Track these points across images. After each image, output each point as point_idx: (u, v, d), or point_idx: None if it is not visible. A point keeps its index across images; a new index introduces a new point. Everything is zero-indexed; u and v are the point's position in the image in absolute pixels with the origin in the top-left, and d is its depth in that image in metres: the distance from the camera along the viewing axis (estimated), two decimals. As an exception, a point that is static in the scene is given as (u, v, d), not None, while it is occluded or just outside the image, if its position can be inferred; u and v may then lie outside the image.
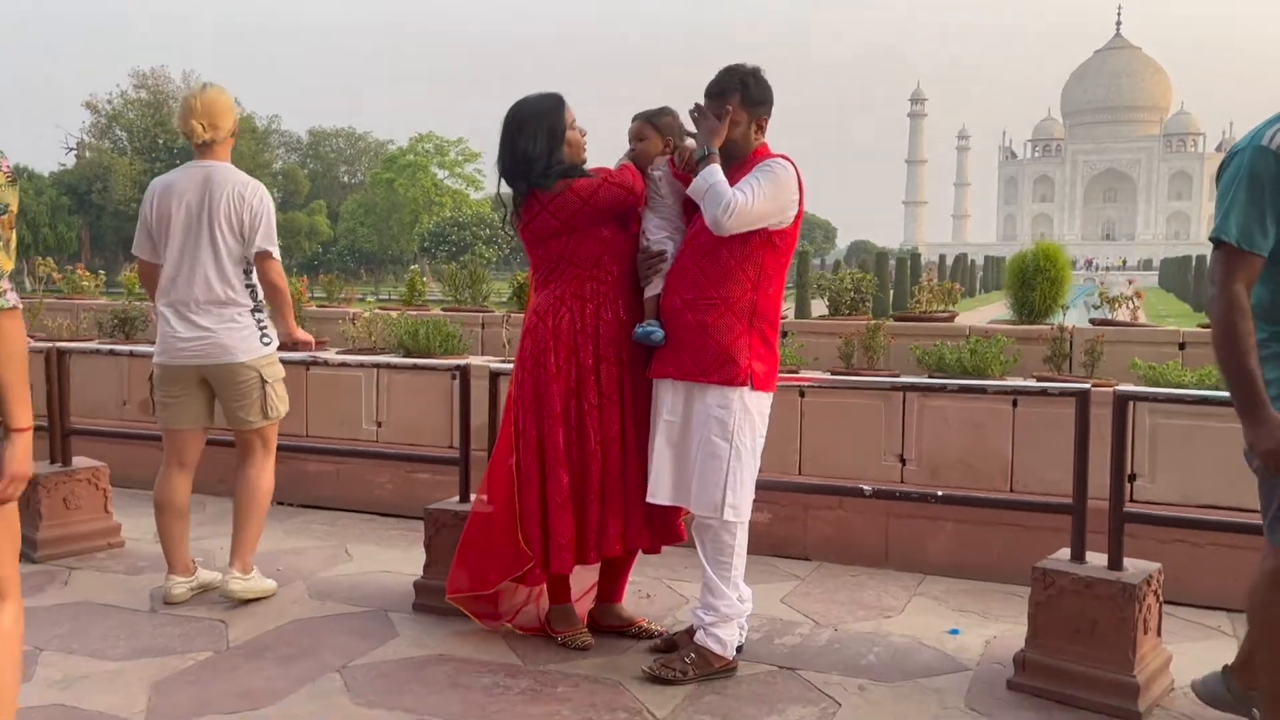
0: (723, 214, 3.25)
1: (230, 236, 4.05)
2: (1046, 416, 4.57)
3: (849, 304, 6.58)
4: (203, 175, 4.08)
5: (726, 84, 3.43)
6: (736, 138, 3.43)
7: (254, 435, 4.21)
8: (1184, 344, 5.71)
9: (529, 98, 3.66)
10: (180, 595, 4.21)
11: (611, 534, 3.56)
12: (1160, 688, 3.29)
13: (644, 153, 3.67)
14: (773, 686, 3.41)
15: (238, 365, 4.08)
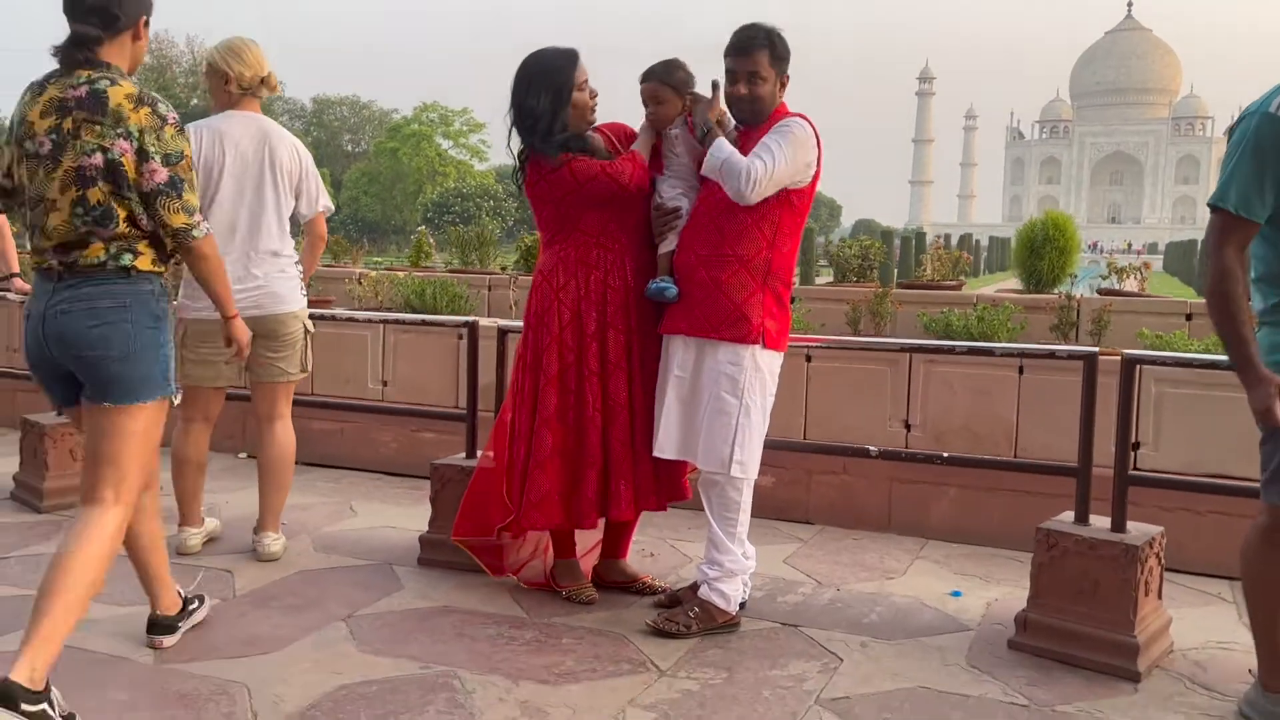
0: (745, 186, 3.25)
1: (289, 189, 4.11)
2: (1052, 384, 4.57)
3: (856, 271, 6.57)
4: (258, 127, 4.06)
5: (753, 41, 3.39)
6: (764, 95, 3.40)
7: (283, 392, 4.20)
8: (1190, 315, 5.71)
9: (543, 51, 3.61)
10: (194, 546, 4.25)
11: (623, 499, 3.57)
12: (1160, 649, 3.32)
13: (664, 115, 3.61)
14: (775, 641, 3.44)
15: (288, 315, 4.10)
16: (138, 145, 2.75)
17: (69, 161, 2.74)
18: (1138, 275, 5.97)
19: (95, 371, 2.78)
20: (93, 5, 2.77)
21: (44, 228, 2.78)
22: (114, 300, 2.78)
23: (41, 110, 2.77)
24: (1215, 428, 4.33)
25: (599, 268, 3.56)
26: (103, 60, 2.80)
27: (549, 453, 3.58)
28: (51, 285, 2.81)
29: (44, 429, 4.91)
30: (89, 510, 2.84)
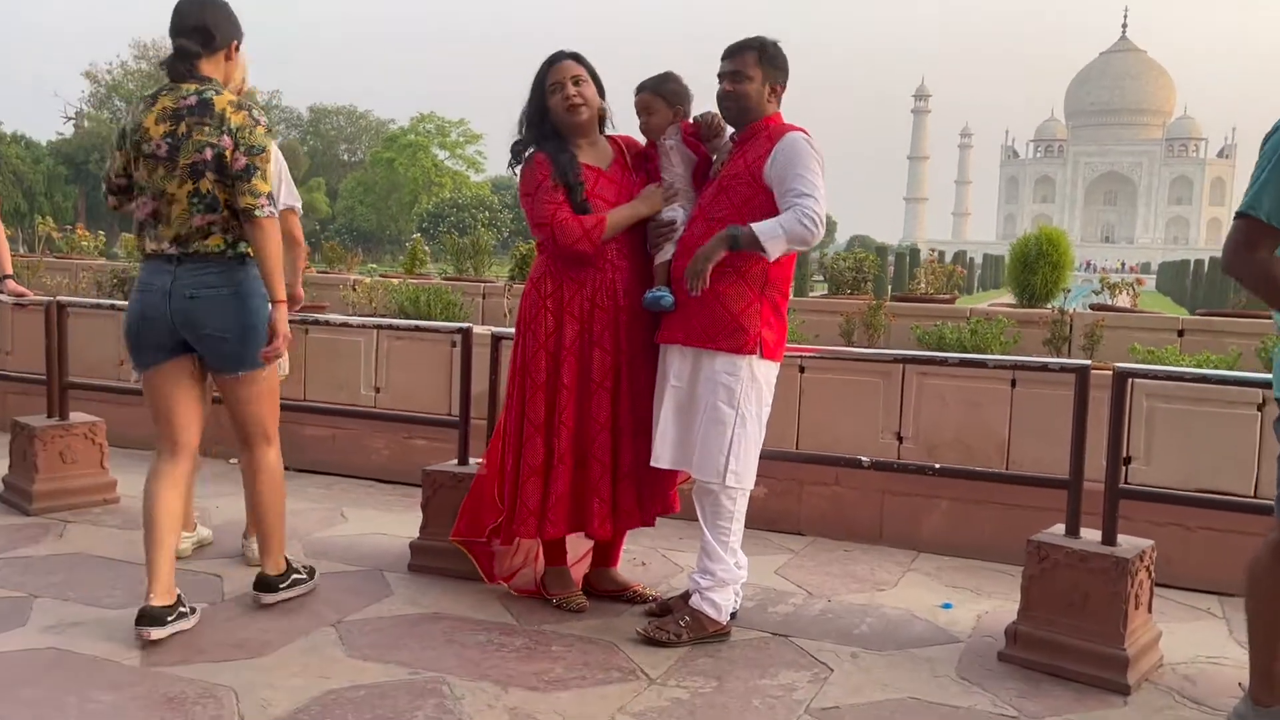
0: (815, 233, 3.26)
1: None
2: (1044, 398, 4.58)
3: (850, 283, 6.58)
4: None
5: (742, 44, 3.44)
6: (749, 93, 3.42)
7: None
8: (1183, 331, 5.73)
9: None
10: (184, 551, 4.22)
11: (596, 518, 3.56)
12: (1149, 662, 3.32)
13: (654, 126, 3.64)
14: (765, 651, 3.43)
15: None
16: (234, 140, 3.24)
17: (184, 159, 3.24)
18: (1130, 291, 6.00)
19: (220, 348, 3.36)
20: (194, 25, 3.30)
21: (167, 218, 3.30)
22: (234, 287, 3.34)
23: (156, 118, 3.27)
24: (1206, 443, 4.35)
25: (588, 285, 3.55)
26: (203, 74, 3.32)
27: (541, 461, 3.58)
28: (171, 269, 3.32)
29: (34, 431, 4.89)
30: (250, 454, 3.58)
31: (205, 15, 3.34)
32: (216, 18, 3.36)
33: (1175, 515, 4.24)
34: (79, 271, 8.52)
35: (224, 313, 3.33)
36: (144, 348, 3.42)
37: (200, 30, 3.31)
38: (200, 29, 3.31)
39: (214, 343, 3.36)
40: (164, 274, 3.33)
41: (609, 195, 3.57)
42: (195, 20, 3.32)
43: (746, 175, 3.40)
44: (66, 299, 5.16)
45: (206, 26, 3.31)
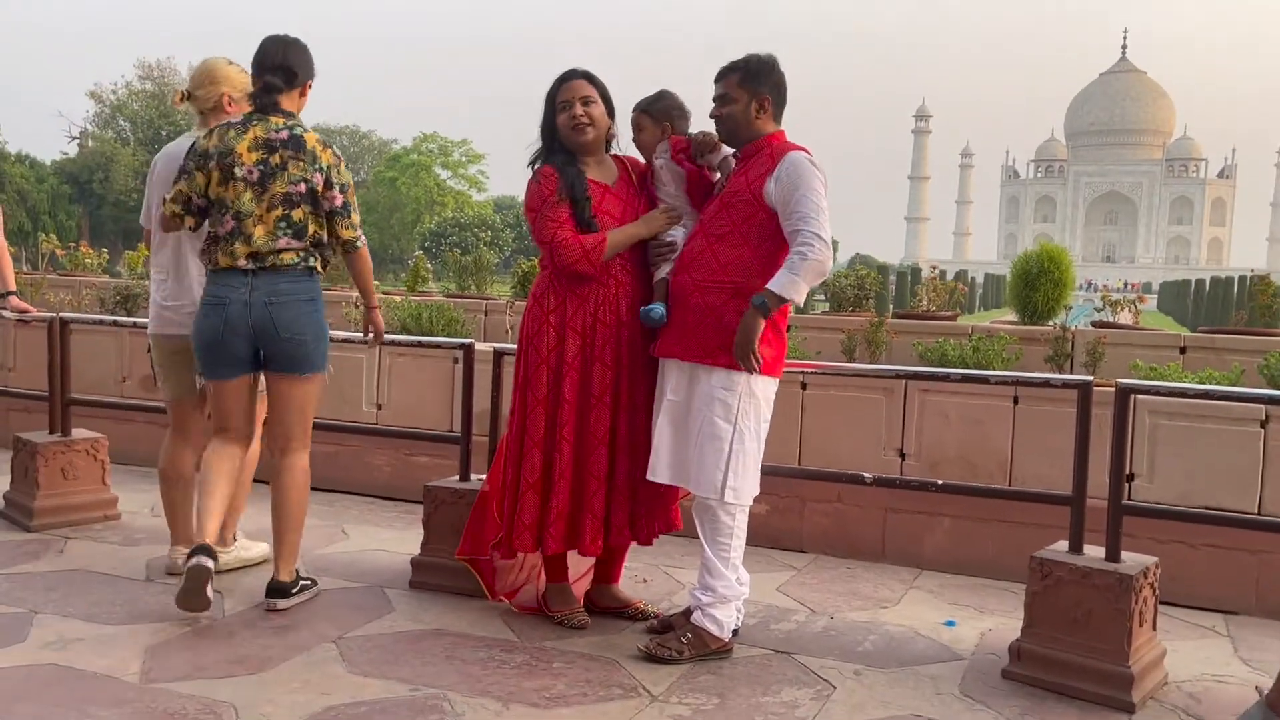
0: (822, 260, 3.28)
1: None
2: (1046, 415, 4.58)
3: (851, 300, 6.59)
4: (188, 144, 4.05)
5: (729, 66, 3.49)
6: (734, 114, 3.45)
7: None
8: (1185, 348, 5.73)
9: None
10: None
11: (587, 534, 3.56)
12: (1154, 680, 3.30)
13: (644, 143, 3.70)
14: (768, 669, 3.41)
15: None
16: (325, 177, 3.65)
17: (278, 188, 3.60)
18: (1132, 308, 6.00)
19: (292, 350, 3.68)
20: (279, 63, 3.69)
21: (248, 236, 3.60)
22: (307, 295, 3.69)
23: (249, 145, 3.61)
24: (1209, 460, 4.34)
25: (590, 300, 3.57)
26: (283, 108, 3.69)
27: (539, 476, 3.57)
28: (248, 281, 3.62)
29: (36, 447, 4.89)
30: (286, 458, 3.79)
31: (289, 55, 3.73)
32: (299, 58, 3.75)
33: (1179, 532, 4.23)
34: (82, 288, 8.54)
35: (300, 317, 3.68)
36: (220, 361, 3.72)
37: (284, 69, 3.69)
38: (284, 68, 3.69)
39: (289, 345, 3.67)
40: (240, 286, 3.63)
41: (615, 212, 3.59)
42: (280, 59, 3.70)
43: (748, 193, 3.42)
44: (69, 315, 5.17)
45: (290, 66, 3.70)
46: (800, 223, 3.28)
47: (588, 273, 3.52)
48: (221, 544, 4.17)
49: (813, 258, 3.26)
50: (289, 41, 3.77)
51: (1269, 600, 4.21)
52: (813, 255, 3.26)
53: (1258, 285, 7.67)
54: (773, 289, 3.27)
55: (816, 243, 3.27)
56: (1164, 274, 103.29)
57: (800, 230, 3.28)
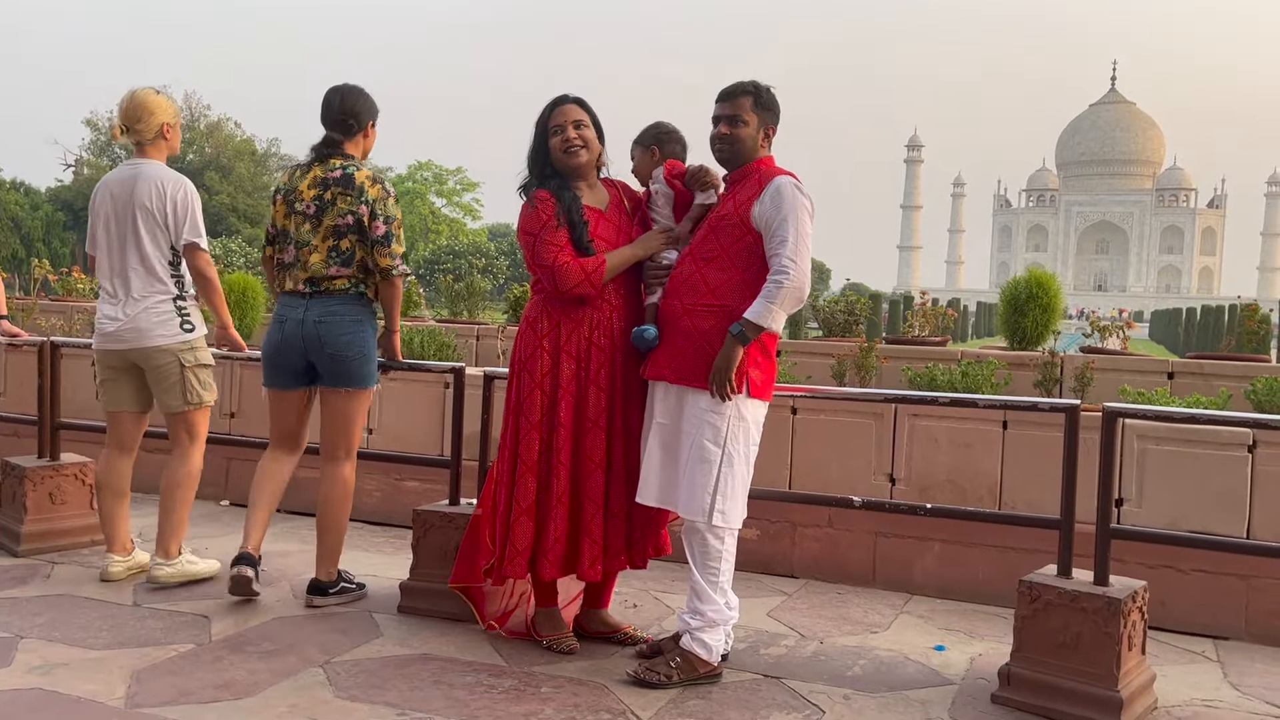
0: (798, 287, 3.32)
1: (152, 227, 4.26)
2: (1035, 440, 4.59)
3: (841, 326, 6.61)
4: (131, 172, 4.33)
5: (739, 87, 3.52)
6: (744, 137, 3.48)
7: (179, 422, 4.37)
8: (1173, 373, 5.75)
9: None
10: (116, 574, 4.38)
11: (586, 559, 3.56)
12: (1143, 705, 3.29)
13: (638, 171, 3.78)
14: (757, 693, 3.40)
15: (153, 349, 4.27)
16: (370, 209, 3.97)
17: (329, 221, 3.97)
18: (1120, 334, 6.03)
19: (341, 366, 4.00)
20: (337, 118, 4.08)
21: (305, 263, 4.00)
22: (355, 317, 4.02)
23: (309, 184, 4.01)
24: (1198, 485, 4.35)
25: (584, 324, 3.58)
26: (346, 151, 4.08)
27: (532, 501, 3.57)
28: (304, 303, 4.01)
29: (24, 472, 4.87)
30: (330, 467, 4.12)
31: (347, 105, 4.08)
32: (357, 106, 4.10)
33: (1168, 557, 4.24)
34: (74, 313, 8.54)
35: (345, 335, 3.99)
36: (278, 370, 4.11)
37: (342, 122, 4.08)
38: (341, 121, 4.08)
39: (336, 361, 4.00)
40: (299, 307, 4.02)
41: (609, 236, 3.61)
42: (338, 113, 4.07)
43: (736, 217, 3.44)
44: (60, 339, 5.16)
45: (347, 118, 4.08)
46: (779, 247, 3.32)
47: (588, 294, 3.54)
48: (166, 556, 4.32)
49: (788, 285, 3.29)
50: (345, 91, 4.10)
51: (1259, 625, 4.21)
52: (788, 282, 3.29)
53: (1245, 312, 7.73)
54: (750, 318, 3.31)
55: (793, 269, 3.29)
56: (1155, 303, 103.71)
57: (778, 255, 3.31)
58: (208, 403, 4.40)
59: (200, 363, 4.36)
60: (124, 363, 4.34)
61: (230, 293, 7.23)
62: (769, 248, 3.36)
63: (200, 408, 4.37)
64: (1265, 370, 5.88)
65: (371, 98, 4.18)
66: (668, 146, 3.72)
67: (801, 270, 3.32)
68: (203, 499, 6.14)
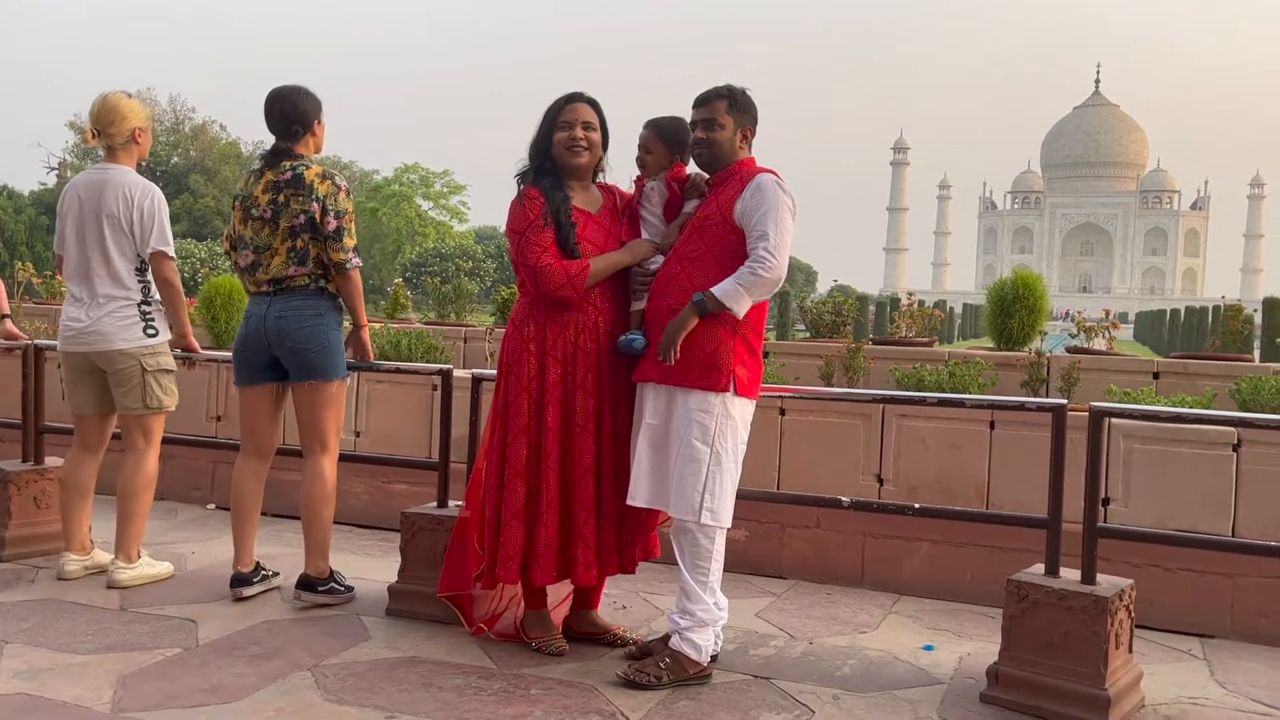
0: (771, 274, 3.33)
1: (117, 232, 4.29)
2: (1022, 440, 4.61)
3: (829, 326, 6.63)
4: (98, 178, 4.35)
5: (713, 91, 3.53)
6: (721, 140, 3.49)
7: (134, 425, 4.39)
8: (1158, 373, 5.78)
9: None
10: (73, 572, 4.42)
11: (579, 564, 3.56)
12: (1131, 703, 3.31)
13: (651, 165, 3.72)
14: (747, 694, 3.40)
15: (115, 352, 4.30)
16: (321, 206, 4.02)
17: (284, 223, 4.03)
18: (1106, 334, 6.07)
19: (301, 358, 4.05)
20: (279, 126, 4.12)
21: (267, 266, 4.07)
22: (315, 310, 4.07)
23: (263, 189, 4.07)
24: (1184, 484, 4.37)
25: (570, 328, 3.57)
26: (296, 152, 4.13)
27: (522, 505, 3.56)
28: (268, 300, 4.08)
29: (9, 476, 4.84)
30: (309, 461, 4.15)
31: (286, 111, 4.10)
32: (298, 109, 4.12)
33: (1155, 556, 4.26)
34: (57, 317, 8.47)
35: (304, 329, 4.04)
36: (247, 366, 4.17)
37: (285, 130, 4.12)
38: (285, 129, 4.12)
39: (296, 354, 4.05)
40: (263, 305, 4.09)
41: (597, 240, 3.61)
42: (279, 120, 4.11)
43: (719, 216, 3.46)
44: (44, 342, 5.12)
45: (290, 124, 4.11)
46: (759, 240, 3.34)
47: (570, 298, 3.54)
48: (127, 561, 4.35)
49: (763, 274, 3.31)
50: (283, 98, 4.12)
51: (1244, 623, 4.24)
52: (763, 272, 3.31)
53: (1229, 312, 7.78)
54: (715, 293, 3.33)
55: (770, 261, 3.31)
56: (1140, 304, 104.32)
57: (756, 247, 3.34)
58: (167, 407, 4.43)
59: (161, 368, 4.39)
60: (87, 365, 4.37)
61: (217, 295, 7.20)
62: (749, 241, 3.37)
63: (158, 412, 4.40)
64: (1249, 370, 5.92)
65: (312, 94, 4.18)
66: (686, 155, 3.71)
67: (779, 263, 3.33)
68: (188, 503, 6.14)
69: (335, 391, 4.16)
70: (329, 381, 4.12)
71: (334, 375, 4.13)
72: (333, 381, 4.13)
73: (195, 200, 56.92)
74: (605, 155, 3.72)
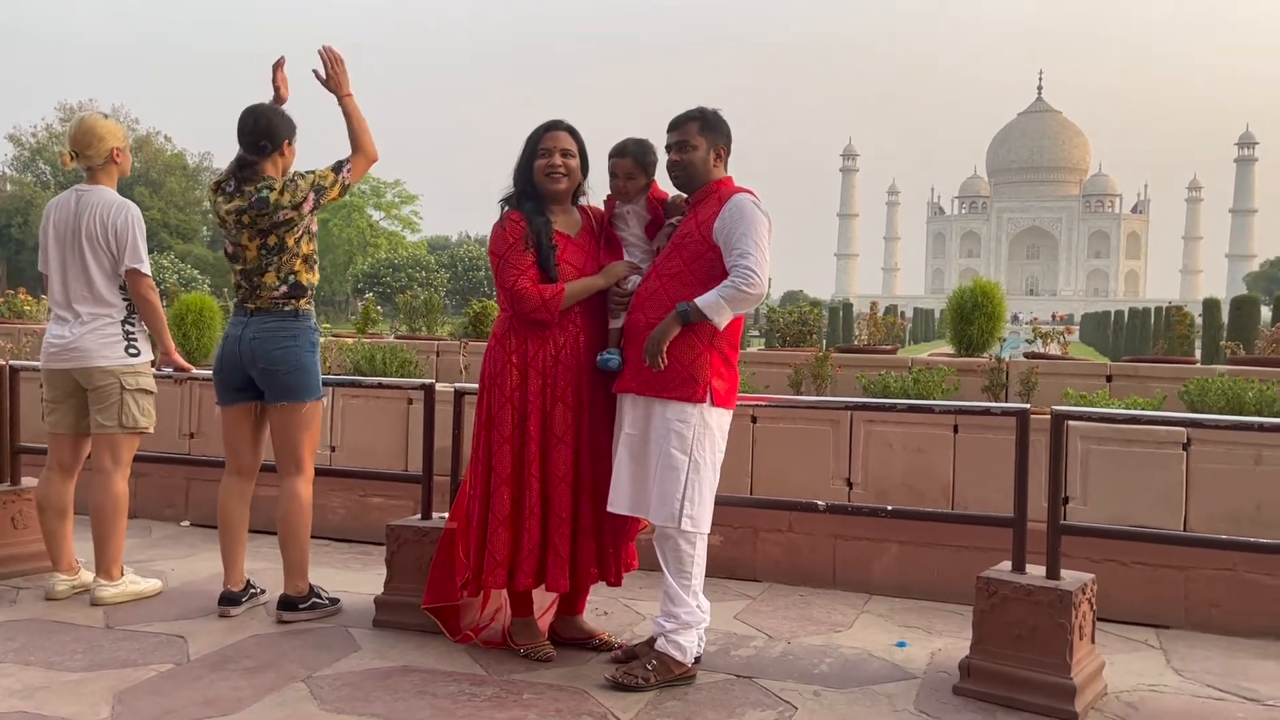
0: (753, 294, 3.47)
1: (97, 252, 4.34)
2: (985, 442, 4.80)
3: (795, 336, 6.80)
4: (76, 197, 4.41)
5: (684, 115, 3.67)
6: (694, 161, 3.63)
7: (104, 445, 4.40)
8: (1111, 376, 6.02)
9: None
10: (62, 592, 4.44)
11: (553, 571, 3.66)
12: (1094, 691, 3.48)
13: (631, 190, 3.81)
14: (731, 693, 3.53)
15: (95, 369, 4.34)
16: (285, 215, 4.04)
17: (256, 244, 4.07)
18: (1060, 340, 6.31)
19: (274, 379, 4.10)
20: (250, 140, 4.11)
21: (249, 287, 4.13)
22: (288, 333, 4.12)
23: (234, 216, 4.06)
24: (1138, 482, 4.58)
25: (551, 342, 3.69)
26: (264, 174, 4.10)
27: (508, 512, 3.66)
28: (245, 319, 4.15)
29: (-15, 496, 4.82)
30: (284, 482, 4.20)
31: (261, 126, 4.10)
32: (272, 126, 4.12)
33: (1111, 551, 4.46)
34: (21, 336, 8.40)
35: (277, 350, 4.09)
36: (225, 386, 4.22)
37: (255, 144, 4.10)
38: (254, 143, 4.10)
39: (268, 375, 4.10)
40: (239, 326, 4.17)
41: (576, 262, 3.72)
42: (251, 134, 4.10)
43: (697, 234, 3.59)
44: (20, 363, 5.13)
45: (260, 139, 4.10)
46: (740, 258, 3.47)
47: (545, 320, 3.66)
48: (108, 579, 4.38)
49: (745, 290, 3.45)
50: (259, 113, 4.13)
51: (1197, 614, 4.45)
52: (745, 288, 3.45)
53: (1175, 316, 8.09)
54: (698, 304, 3.46)
55: (753, 277, 3.45)
56: (1085, 306, 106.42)
57: (738, 265, 3.47)
58: (143, 427, 4.44)
59: (141, 387, 4.41)
60: (70, 384, 4.39)
61: (188, 312, 7.20)
62: (729, 259, 3.50)
63: (132, 433, 4.41)
64: (1196, 372, 6.19)
65: (288, 116, 4.22)
66: (655, 172, 3.83)
67: (761, 280, 3.48)
68: (163, 520, 6.14)
69: (309, 412, 4.19)
70: (302, 403, 4.15)
71: (307, 396, 4.16)
72: (306, 403, 4.16)
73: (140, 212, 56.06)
74: (585, 180, 3.84)
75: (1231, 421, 4.21)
